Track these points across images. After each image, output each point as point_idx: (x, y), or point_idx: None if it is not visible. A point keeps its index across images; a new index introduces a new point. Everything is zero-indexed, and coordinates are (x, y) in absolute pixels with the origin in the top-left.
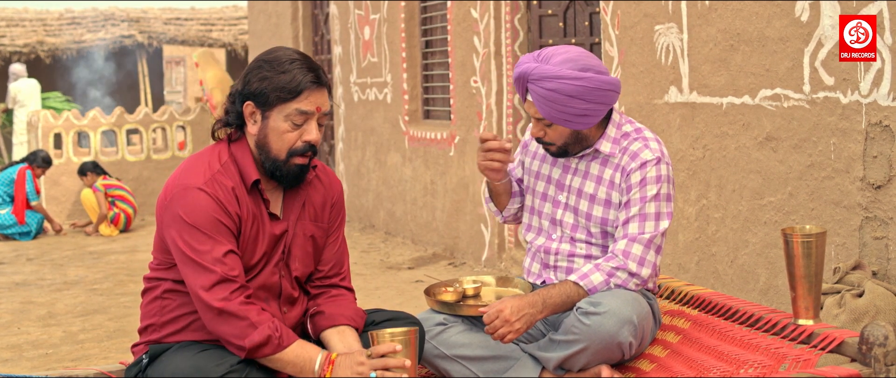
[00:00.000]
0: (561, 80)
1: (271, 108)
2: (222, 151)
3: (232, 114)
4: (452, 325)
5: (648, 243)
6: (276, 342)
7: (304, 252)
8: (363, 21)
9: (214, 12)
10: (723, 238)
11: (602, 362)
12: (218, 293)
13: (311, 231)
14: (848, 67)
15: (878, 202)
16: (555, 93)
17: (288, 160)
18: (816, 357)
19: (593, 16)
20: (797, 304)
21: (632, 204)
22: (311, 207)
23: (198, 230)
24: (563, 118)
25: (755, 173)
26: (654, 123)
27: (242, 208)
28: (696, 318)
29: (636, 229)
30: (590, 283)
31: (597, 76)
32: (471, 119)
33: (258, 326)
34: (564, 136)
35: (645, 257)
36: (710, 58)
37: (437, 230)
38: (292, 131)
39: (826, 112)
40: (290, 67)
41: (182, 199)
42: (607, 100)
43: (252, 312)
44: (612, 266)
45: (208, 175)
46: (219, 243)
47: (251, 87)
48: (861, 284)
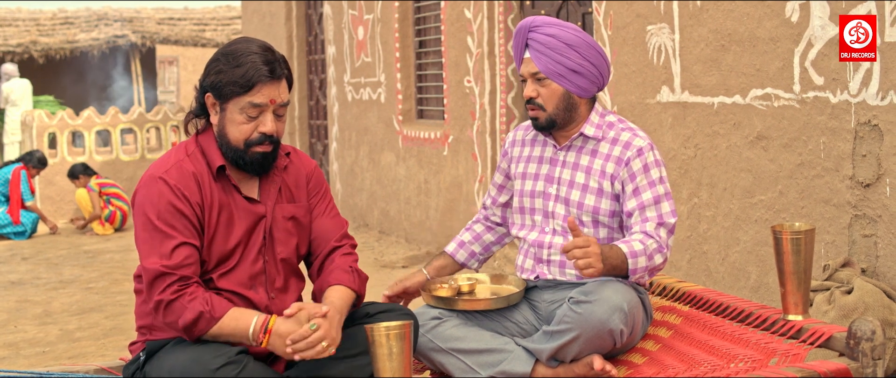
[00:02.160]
0: (562, 28)
1: (227, 100)
2: (190, 143)
3: (197, 105)
4: (448, 319)
5: (672, 228)
6: (208, 316)
7: (286, 235)
8: (357, 21)
9: (208, 12)
10: (714, 236)
11: (594, 351)
12: (157, 288)
13: (291, 212)
14: (837, 67)
15: (867, 200)
16: (554, 39)
17: (247, 149)
18: (805, 352)
19: (586, 16)
20: (787, 299)
21: (642, 190)
22: (286, 190)
23: (151, 224)
24: (557, 71)
25: (746, 172)
26: (647, 123)
27: (206, 193)
28: (687, 314)
29: (654, 213)
30: (635, 259)
31: (592, 39)
32: (464, 118)
33: (189, 307)
34: (556, 98)
35: (668, 240)
36: (701, 58)
37: (431, 229)
38: (248, 123)
39: (816, 111)
40: (245, 61)
41: (144, 190)
42: (599, 66)
43: (185, 298)
44: (660, 258)
45: (172, 163)
46: (168, 237)
47: (209, 79)
48: (850, 281)
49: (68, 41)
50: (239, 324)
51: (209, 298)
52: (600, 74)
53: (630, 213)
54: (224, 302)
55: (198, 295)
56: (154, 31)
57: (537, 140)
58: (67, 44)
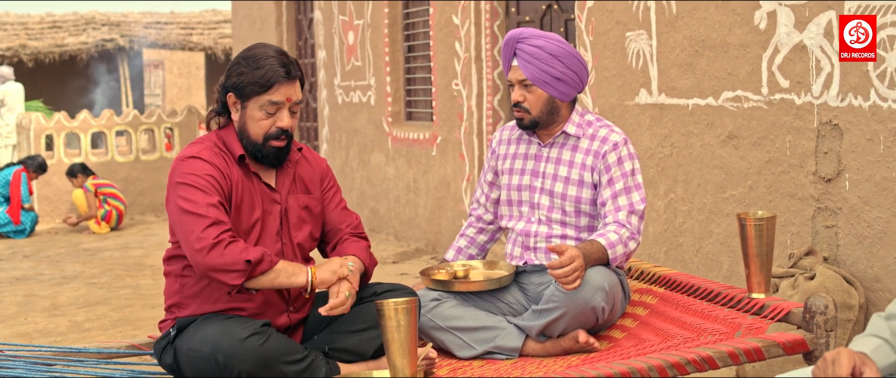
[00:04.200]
0: (547, 39)
1: (248, 99)
2: (212, 135)
3: (219, 104)
4: (446, 300)
5: (642, 215)
6: (269, 259)
7: (300, 221)
8: (347, 26)
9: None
10: (689, 229)
11: (579, 327)
12: (212, 232)
13: (305, 202)
14: (801, 71)
15: (829, 194)
16: (540, 50)
17: (265, 143)
18: (767, 325)
19: (569, 22)
20: (751, 280)
21: (616, 180)
22: (300, 181)
23: (192, 186)
24: (543, 79)
25: (718, 169)
26: (626, 123)
27: (232, 172)
28: (663, 295)
29: (626, 201)
30: (613, 249)
31: (574, 49)
32: (452, 120)
33: (248, 251)
34: (541, 102)
35: (640, 227)
36: (677, 62)
37: (420, 226)
38: (266, 119)
39: (782, 112)
40: (263, 63)
41: (179, 168)
42: (580, 73)
43: (240, 243)
44: (633, 244)
45: (202, 147)
46: (210, 195)
47: (231, 80)
48: (813, 269)
49: (57, 45)
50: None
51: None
52: (581, 80)
53: (604, 201)
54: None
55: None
56: (141, 35)
57: (522, 138)
58: (56, 47)
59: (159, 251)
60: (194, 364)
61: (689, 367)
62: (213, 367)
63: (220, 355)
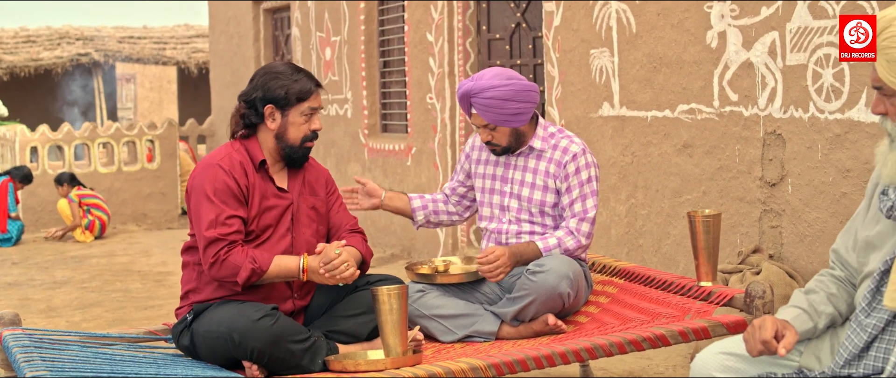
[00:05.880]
0: (495, 89)
1: (290, 107)
2: (235, 143)
3: (250, 116)
4: (429, 291)
5: (592, 221)
6: (259, 272)
7: (309, 219)
8: (324, 42)
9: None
10: (648, 231)
11: (548, 311)
12: (211, 250)
13: (312, 202)
14: (748, 86)
15: (774, 197)
16: (493, 99)
17: (302, 145)
18: (713, 309)
19: (536, 40)
20: (699, 270)
21: (572, 188)
22: (309, 185)
23: (208, 199)
24: (502, 119)
25: (675, 175)
26: (590, 134)
27: (250, 178)
28: (622, 286)
29: (580, 208)
30: (546, 246)
31: (520, 82)
32: (426, 132)
33: (241, 267)
34: (507, 136)
35: (590, 231)
36: (636, 78)
37: (396, 233)
38: (305, 123)
39: (732, 123)
40: (299, 76)
41: (202, 174)
42: (532, 98)
43: (236, 258)
44: (572, 243)
45: (224, 154)
46: (222, 210)
47: (273, 93)
48: (759, 265)
49: (32, 59)
50: (282, 267)
51: (254, 256)
52: (534, 102)
53: (563, 207)
54: (265, 255)
55: (247, 253)
56: (115, 50)
57: None
58: (32, 62)
59: (144, 258)
60: (211, 344)
61: (645, 344)
62: (228, 346)
63: (236, 334)
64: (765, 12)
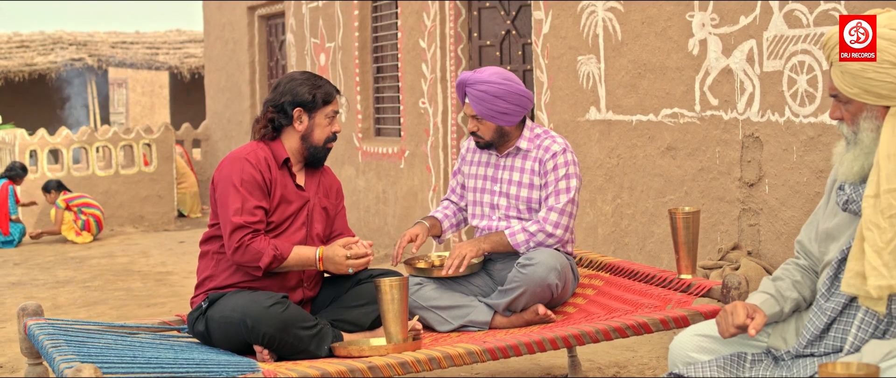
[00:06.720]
0: (489, 84)
1: (317, 110)
2: (259, 142)
3: (279, 118)
4: (426, 284)
5: (561, 211)
6: (280, 258)
7: (321, 217)
8: (319, 48)
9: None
10: (634, 230)
11: (537, 302)
12: (236, 236)
13: (325, 203)
14: (728, 91)
15: (752, 197)
16: (485, 93)
17: (325, 145)
18: (693, 299)
19: (526, 47)
20: (680, 264)
21: (549, 184)
22: (323, 187)
23: (235, 188)
24: (490, 114)
25: (658, 177)
26: (577, 137)
27: (273, 173)
28: (607, 279)
29: (553, 201)
30: (513, 236)
31: (515, 86)
32: (419, 135)
33: (264, 253)
34: (492, 131)
35: (559, 221)
36: (622, 83)
37: (389, 234)
38: (328, 125)
39: (712, 127)
40: (322, 82)
41: (229, 166)
42: (522, 104)
43: (259, 245)
44: (534, 228)
45: (250, 150)
46: (248, 199)
47: (302, 97)
48: (738, 261)
49: (27, 64)
50: (300, 256)
51: (276, 244)
52: (523, 108)
53: (541, 200)
54: (287, 244)
55: (269, 240)
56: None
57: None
58: (26, 66)
59: (144, 259)
60: (225, 329)
61: (628, 331)
62: (241, 331)
63: (249, 319)
64: (743, 21)
